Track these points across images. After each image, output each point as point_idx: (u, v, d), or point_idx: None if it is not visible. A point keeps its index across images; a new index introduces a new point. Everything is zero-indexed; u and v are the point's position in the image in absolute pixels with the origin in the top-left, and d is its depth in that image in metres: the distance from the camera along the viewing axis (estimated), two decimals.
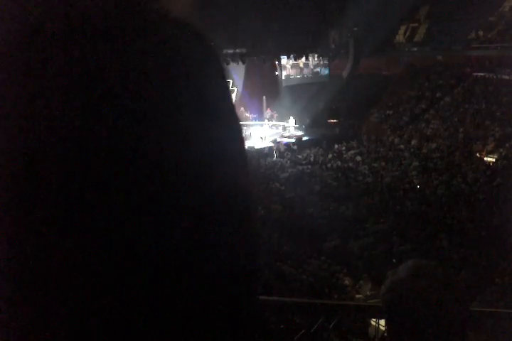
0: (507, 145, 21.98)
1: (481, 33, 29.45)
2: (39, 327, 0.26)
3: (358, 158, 23.20)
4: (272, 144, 26.39)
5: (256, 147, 25.50)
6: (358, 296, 10.52)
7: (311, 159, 23.49)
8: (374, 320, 5.09)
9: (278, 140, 27.13)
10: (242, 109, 32.60)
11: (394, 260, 11.74)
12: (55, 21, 0.24)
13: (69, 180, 0.23)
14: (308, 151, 25.17)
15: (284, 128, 29.45)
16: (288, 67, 34.08)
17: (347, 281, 11.35)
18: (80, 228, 0.24)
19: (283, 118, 30.12)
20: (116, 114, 0.25)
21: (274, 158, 24.43)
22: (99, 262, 0.25)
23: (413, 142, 25.08)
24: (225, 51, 29.69)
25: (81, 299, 0.26)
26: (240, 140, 0.41)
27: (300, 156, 24.30)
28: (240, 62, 31.18)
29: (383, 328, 4.43)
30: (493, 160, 21.35)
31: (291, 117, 29.34)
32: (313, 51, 34.18)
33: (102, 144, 0.24)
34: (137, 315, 0.28)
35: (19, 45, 0.24)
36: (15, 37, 0.24)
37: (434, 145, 23.95)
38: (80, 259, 0.25)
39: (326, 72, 35.52)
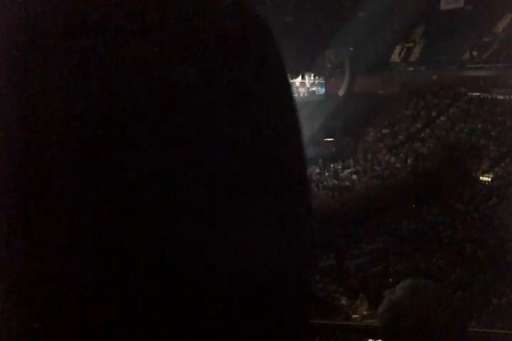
0: (502, 164, 22.04)
1: (475, 53, 29.76)
2: (39, 328, 0.26)
3: (354, 176, 23.23)
4: None
5: None
6: (354, 316, 10.43)
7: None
8: (371, 340, 5.02)
9: None
10: None
11: (390, 279, 11.67)
12: (55, 19, 0.24)
13: (70, 180, 0.23)
14: None
15: None
16: None
17: (343, 301, 11.26)
18: (80, 228, 0.24)
19: None
20: (118, 115, 0.25)
21: None
22: (102, 263, 0.25)
23: (409, 161, 25.15)
24: None
25: (82, 300, 0.26)
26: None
27: None
28: None
29: None
30: (489, 179, 21.37)
31: None
32: (308, 70, 34.41)
33: (102, 145, 0.23)
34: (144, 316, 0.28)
35: (19, 45, 0.24)
36: (15, 36, 0.24)
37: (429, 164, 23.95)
38: (80, 260, 0.25)
39: (322, 91, 35.71)
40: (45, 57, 0.23)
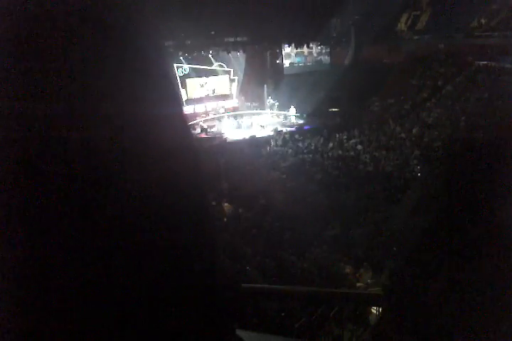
0: None
1: (483, 21, 29.28)
2: (40, 327, 0.26)
3: (359, 146, 23.17)
4: (272, 133, 26.38)
5: (257, 136, 25.56)
6: (358, 284, 10.58)
7: (312, 148, 23.47)
8: (375, 307, 5.13)
9: (279, 129, 27.11)
10: (243, 98, 32.56)
11: (394, 248, 11.78)
12: (52, 19, 0.24)
13: (69, 180, 0.23)
14: (309, 140, 25.14)
15: (285, 117, 29.39)
16: (292, 55, 33.99)
17: (348, 269, 11.41)
18: (80, 228, 0.24)
19: (284, 107, 30.05)
20: (116, 114, 0.25)
21: (275, 146, 24.42)
22: (97, 263, 0.26)
23: (414, 131, 25.03)
24: (226, 40, 29.60)
25: (80, 300, 0.26)
26: (187, 136, 0.41)
27: (301, 145, 24.27)
28: (241, 51, 31.12)
29: None
30: None
31: (292, 106, 29.28)
32: (314, 39, 34.02)
33: (102, 144, 0.23)
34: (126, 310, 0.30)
35: (19, 45, 0.24)
36: (15, 36, 0.24)
37: (435, 134, 23.90)
38: (79, 260, 0.25)
39: (328, 60, 35.38)
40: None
